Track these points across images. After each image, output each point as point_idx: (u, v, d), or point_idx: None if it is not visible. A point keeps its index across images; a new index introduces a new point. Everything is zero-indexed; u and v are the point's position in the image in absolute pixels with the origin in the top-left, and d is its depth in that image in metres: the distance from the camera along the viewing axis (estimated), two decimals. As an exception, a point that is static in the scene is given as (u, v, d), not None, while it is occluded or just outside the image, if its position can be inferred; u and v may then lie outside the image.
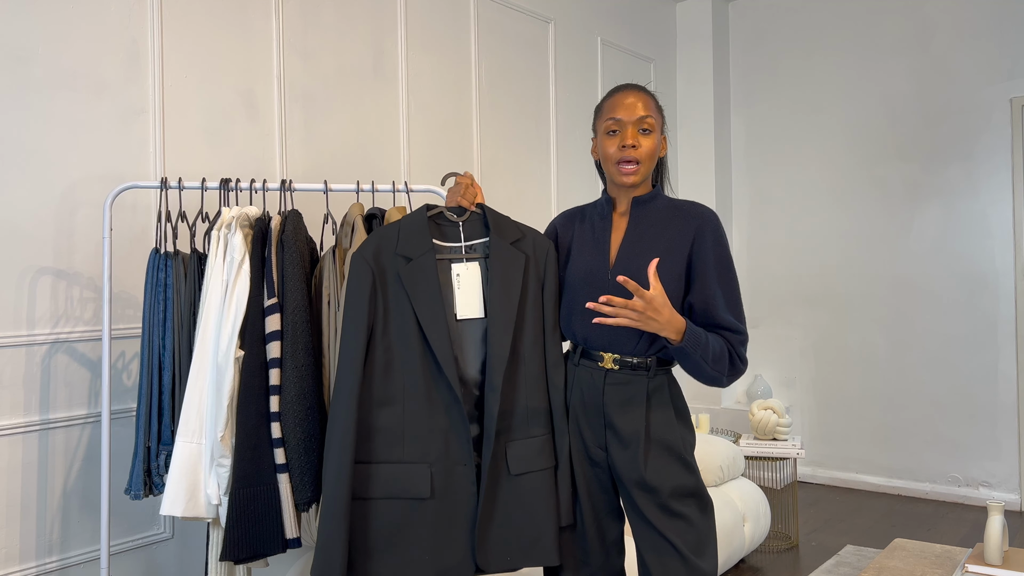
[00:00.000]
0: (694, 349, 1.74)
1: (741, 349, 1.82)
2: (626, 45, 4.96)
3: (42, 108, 2.45)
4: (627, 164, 1.86)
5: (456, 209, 1.93)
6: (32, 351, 2.42)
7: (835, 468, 5.02)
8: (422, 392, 1.80)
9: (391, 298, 1.83)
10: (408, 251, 1.84)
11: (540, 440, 1.86)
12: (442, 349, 1.79)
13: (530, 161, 4.25)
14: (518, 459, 1.83)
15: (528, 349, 1.87)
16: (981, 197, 4.54)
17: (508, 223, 1.93)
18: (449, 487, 1.79)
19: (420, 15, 3.65)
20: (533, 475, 1.84)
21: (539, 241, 1.94)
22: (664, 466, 1.82)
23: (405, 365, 1.81)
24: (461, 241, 1.91)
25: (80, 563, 2.51)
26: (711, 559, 1.82)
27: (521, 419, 1.85)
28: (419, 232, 1.86)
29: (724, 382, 1.82)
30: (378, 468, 1.78)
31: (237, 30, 2.96)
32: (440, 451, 1.79)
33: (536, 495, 1.83)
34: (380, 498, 1.78)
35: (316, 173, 3.20)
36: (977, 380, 4.54)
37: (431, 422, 1.80)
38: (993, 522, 2.38)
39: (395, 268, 1.84)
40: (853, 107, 4.96)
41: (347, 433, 1.75)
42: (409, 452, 1.79)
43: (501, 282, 1.85)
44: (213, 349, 2.04)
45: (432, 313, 1.80)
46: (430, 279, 1.82)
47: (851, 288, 4.96)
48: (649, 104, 1.88)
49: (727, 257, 1.85)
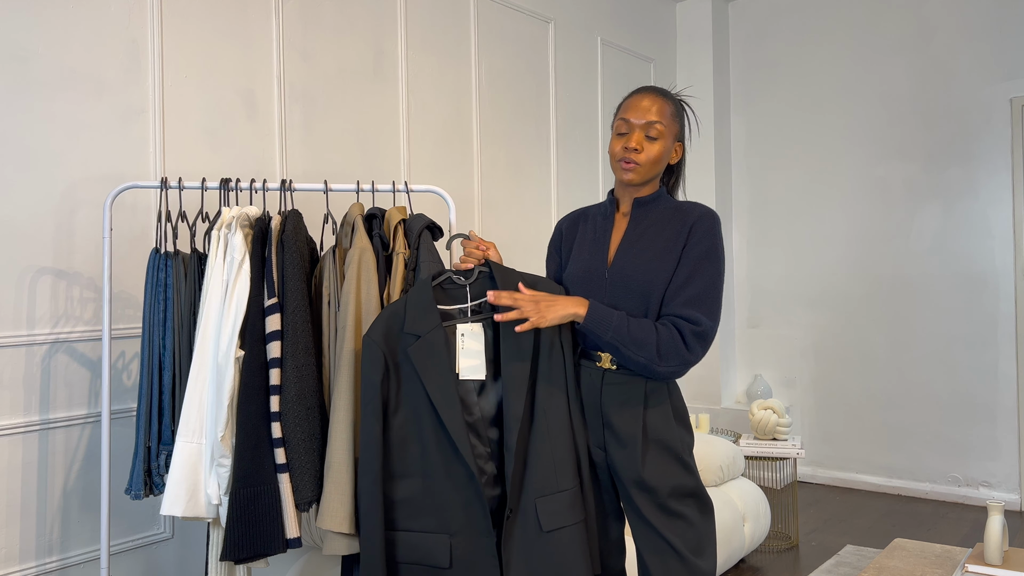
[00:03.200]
0: (601, 329, 1.74)
1: (691, 338, 1.75)
2: (626, 45, 4.96)
3: (42, 108, 2.45)
4: (627, 162, 1.87)
5: (463, 273, 1.94)
6: (32, 351, 2.42)
7: (835, 468, 5.02)
8: (439, 466, 1.81)
9: (403, 376, 1.85)
10: (416, 328, 1.85)
11: (570, 494, 1.84)
12: (456, 428, 1.78)
13: (530, 161, 4.25)
14: (549, 514, 1.80)
15: (546, 403, 1.85)
16: (981, 197, 4.54)
17: (513, 276, 1.92)
18: (470, 558, 1.79)
19: (420, 15, 3.65)
20: (566, 530, 1.81)
21: (550, 289, 1.93)
22: (662, 466, 1.81)
23: (421, 441, 1.83)
24: (468, 302, 1.92)
25: (80, 563, 2.51)
26: (710, 559, 1.83)
27: (547, 474, 1.82)
28: (426, 307, 1.87)
29: (657, 368, 1.75)
30: (400, 536, 1.82)
31: (237, 30, 2.96)
32: (461, 522, 1.80)
33: (569, 551, 1.81)
34: (406, 563, 1.82)
35: (316, 173, 3.20)
36: (977, 380, 4.54)
37: (450, 495, 1.81)
38: (993, 522, 2.38)
39: (404, 347, 1.85)
40: (853, 107, 4.96)
41: (376, 504, 1.81)
42: (428, 523, 1.81)
43: (512, 341, 1.84)
44: (213, 349, 2.04)
45: (443, 392, 1.80)
46: (439, 356, 1.82)
47: (851, 288, 4.96)
48: (663, 110, 1.87)
49: (712, 251, 1.82)
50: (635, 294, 1.82)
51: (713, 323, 1.78)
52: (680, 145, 1.93)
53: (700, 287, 1.79)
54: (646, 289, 1.82)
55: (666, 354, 1.75)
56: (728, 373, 5.33)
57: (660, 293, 1.81)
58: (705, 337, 1.77)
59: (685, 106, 1.97)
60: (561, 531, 1.81)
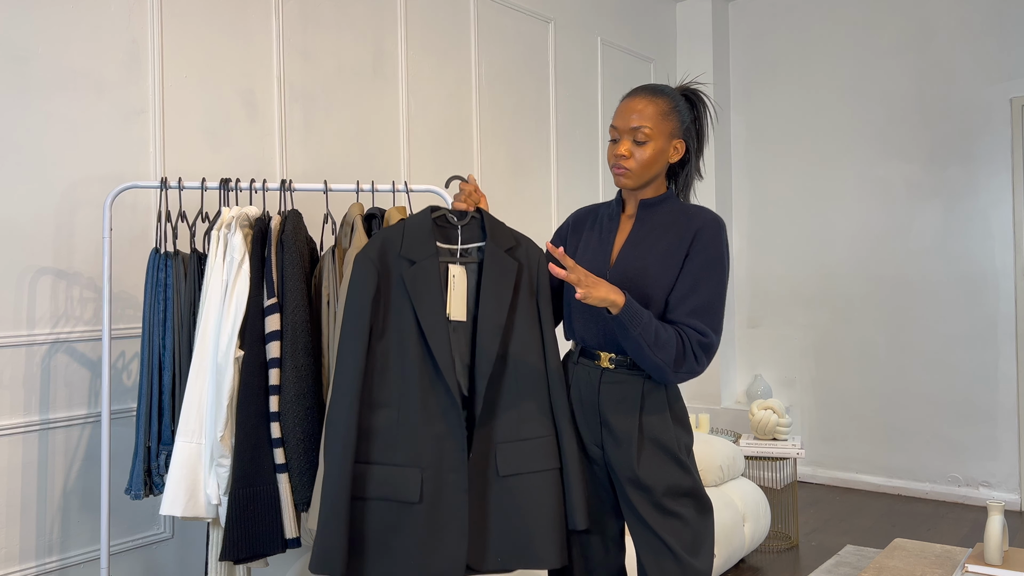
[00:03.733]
0: (631, 324, 1.71)
1: (699, 350, 1.76)
2: (626, 45, 4.96)
3: (42, 108, 2.45)
4: (617, 168, 1.88)
5: (458, 212, 1.93)
6: (32, 351, 2.42)
7: (835, 468, 5.02)
8: (417, 397, 1.80)
9: (393, 300, 1.84)
10: (412, 254, 1.85)
11: (533, 443, 1.85)
12: (442, 354, 1.79)
13: (530, 161, 4.25)
14: (507, 461, 1.83)
15: (519, 354, 1.87)
16: (981, 197, 4.54)
17: (504, 230, 1.94)
18: (439, 493, 1.79)
19: (420, 15, 3.65)
20: (524, 477, 1.83)
21: (532, 250, 1.95)
22: (658, 465, 1.81)
23: (402, 370, 1.81)
24: (458, 244, 1.92)
25: (80, 563, 2.51)
26: (706, 558, 1.82)
27: (511, 422, 1.85)
28: (424, 235, 1.87)
29: (669, 374, 1.75)
30: (372, 469, 1.79)
31: (237, 30, 2.96)
32: (433, 457, 1.79)
33: (528, 497, 1.82)
34: (374, 499, 1.78)
35: (316, 173, 3.20)
36: (977, 380, 4.54)
37: (425, 428, 1.80)
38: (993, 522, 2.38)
39: (399, 270, 1.84)
40: (853, 107, 4.96)
41: (349, 432, 1.75)
42: (401, 456, 1.79)
43: (493, 288, 1.85)
44: (213, 349, 2.04)
45: (434, 318, 1.80)
46: (432, 284, 1.83)
47: (851, 288, 4.96)
48: (650, 112, 1.85)
49: (717, 262, 1.81)
50: (635, 295, 1.82)
51: (717, 336, 1.79)
52: (681, 142, 1.90)
53: (705, 297, 1.78)
54: (645, 291, 1.81)
55: (679, 361, 1.75)
56: (728, 373, 5.33)
57: (659, 296, 1.81)
58: (710, 349, 1.78)
59: (695, 96, 1.94)
60: (519, 477, 1.83)
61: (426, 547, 1.77)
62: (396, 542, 1.77)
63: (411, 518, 1.78)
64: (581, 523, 1.84)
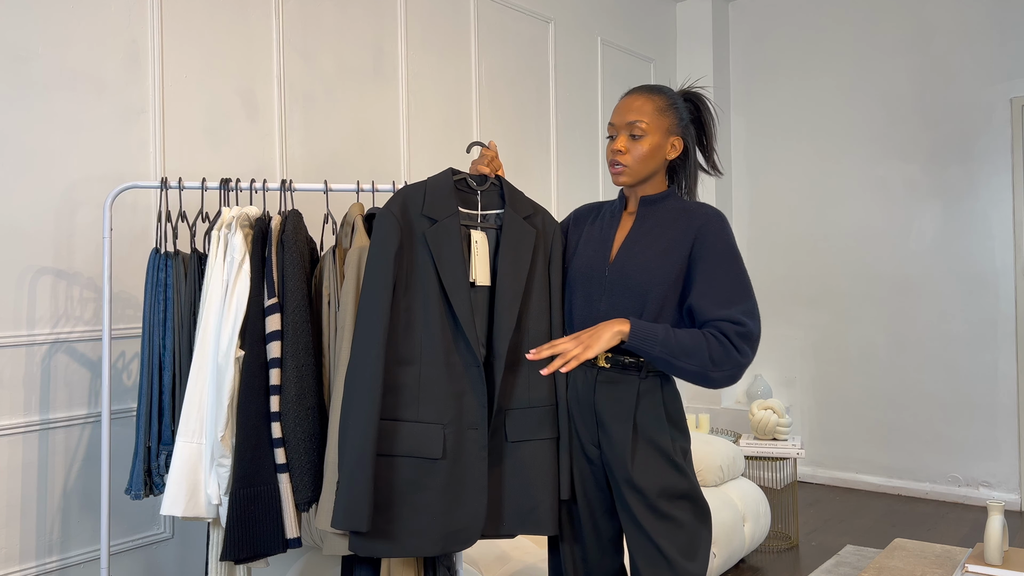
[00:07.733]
0: (647, 344, 1.70)
1: (737, 340, 1.71)
2: (626, 45, 4.96)
3: (42, 108, 2.45)
4: (614, 164, 1.89)
5: (478, 178, 1.95)
6: (32, 351, 2.42)
7: (835, 468, 5.02)
8: (440, 355, 1.81)
9: (416, 258, 1.85)
10: (434, 213, 1.86)
11: (540, 411, 1.88)
12: (464, 312, 1.81)
13: (530, 161, 4.25)
14: (516, 427, 1.86)
15: (533, 321, 1.89)
16: (981, 197, 4.54)
17: (522, 198, 1.97)
18: (460, 450, 1.81)
19: (420, 15, 3.65)
20: (530, 444, 1.86)
21: (548, 219, 1.99)
22: (652, 466, 1.80)
23: (425, 327, 1.83)
24: (478, 209, 1.94)
25: (80, 563, 2.51)
26: (701, 563, 1.81)
27: (523, 389, 1.88)
28: (446, 195, 1.88)
29: (714, 376, 1.71)
30: (395, 425, 1.80)
31: (237, 30, 2.96)
32: (454, 414, 1.81)
33: (533, 464, 1.85)
34: (398, 455, 1.80)
35: (316, 173, 3.20)
36: (977, 380, 4.54)
37: (447, 386, 1.81)
38: (993, 522, 2.38)
39: (421, 228, 1.85)
40: (853, 107, 4.96)
41: (375, 387, 1.75)
42: (424, 412, 1.81)
43: (512, 254, 1.87)
44: (213, 349, 2.04)
45: (455, 276, 1.82)
46: (454, 243, 1.84)
47: (851, 288, 4.96)
48: (646, 107, 1.87)
49: (730, 250, 1.81)
50: (633, 293, 1.82)
51: (754, 321, 1.74)
52: (679, 139, 1.90)
53: (728, 287, 1.77)
54: (643, 288, 1.81)
55: (719, 360, 1.71)
56: (728, 373, 5.32)
57: (657, 293, 1.81)
58: (749, 337, 1.73)
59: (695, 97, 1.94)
60: (526, 443, 1.86)
61: (448, 502, 1.79)
62: (419, 498, 1.79)
63: (434, 474, 1.79)
64: (566, 492, 1.88)
